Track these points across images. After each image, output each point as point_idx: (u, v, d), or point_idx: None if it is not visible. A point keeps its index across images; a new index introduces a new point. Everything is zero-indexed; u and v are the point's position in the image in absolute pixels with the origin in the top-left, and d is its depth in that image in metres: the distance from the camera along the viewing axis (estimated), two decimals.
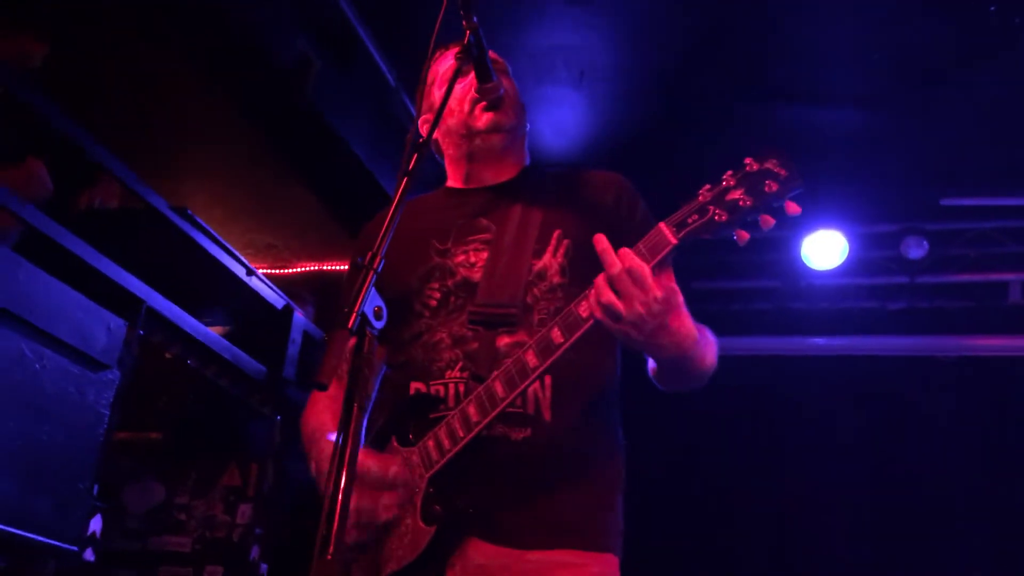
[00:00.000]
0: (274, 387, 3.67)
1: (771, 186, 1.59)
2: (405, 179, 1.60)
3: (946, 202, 4.96)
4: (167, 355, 3.37)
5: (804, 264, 5.13)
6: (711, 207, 1.60)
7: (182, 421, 4.06)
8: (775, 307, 5.44)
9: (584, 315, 1.65)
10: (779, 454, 5.27)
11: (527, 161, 2.11)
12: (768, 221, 1.60)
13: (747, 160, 1.62)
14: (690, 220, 1.60)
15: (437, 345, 1.87)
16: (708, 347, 1.79)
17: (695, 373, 1.79)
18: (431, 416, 1.80)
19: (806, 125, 4.49)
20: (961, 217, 5.01)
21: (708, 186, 1.63)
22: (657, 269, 1.60)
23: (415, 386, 1.87)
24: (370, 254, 1.58)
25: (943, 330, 5.24)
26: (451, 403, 1.80)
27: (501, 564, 1.72)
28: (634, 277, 1.57)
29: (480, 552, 1.73)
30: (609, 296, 1.58)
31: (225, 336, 3.65)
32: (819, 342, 5.39)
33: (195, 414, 4.01)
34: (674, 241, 1.60)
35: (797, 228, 5.09)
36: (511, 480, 1.76)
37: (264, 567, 3.38)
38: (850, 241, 5.05)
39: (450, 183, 2.11)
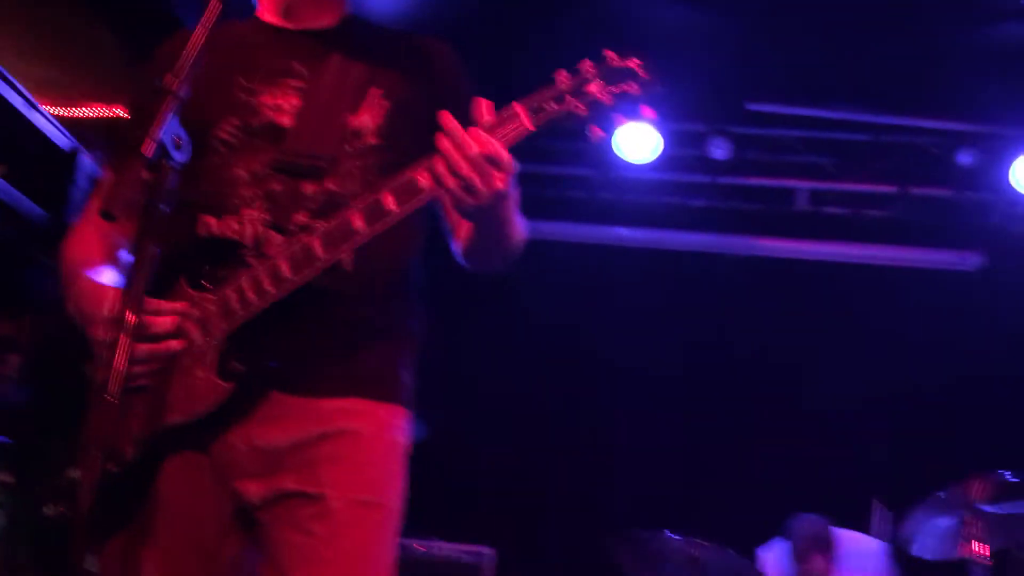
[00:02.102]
0: (56, 234, 3.39)
1: (632, 87, 1.58)
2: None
3: (751, 107, 5.17)
4: None
5: (617, 155, 5.23)
6: (569, 97, 1.58)
7: None
8: (586, 196, 5.56)
9: (424, 185, 1.61)
10: (585, 335, 5.49)
11: (350, 10, 1.98)
12: (622, 121, 1.64)
13: (608, 54, 1.59)
14: (547, 107, 1.58)
15: (234, 180, 1.75)
16: (521, 224, 1.82)
17: (511, 251, 1.82)
18: (229, 261, 1.69)
19: (632, 18, 4.50)
20: (764, 123, 5.25)
21: (566, 73, 1.60)
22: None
23: (206, 220, 1.74)
24: (170, 76, 1.45)
25: (737, 230, 5.55)
26: (248, 243, 1.70)
27: (297, 414, 1.70)
28: (492, 160, 1.56)
29: (277, 404, 1.70)
30: (469, 172, 1.55)
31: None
32: (624, 233, 5.57)
33: None
34: (531, 128, 1.59)
35: (612, 119, 5.18)
36: (314, 333, 1.73)
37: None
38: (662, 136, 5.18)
39: (263, 14, 1.94)
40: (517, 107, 1.59)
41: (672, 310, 5.48)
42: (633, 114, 1.55)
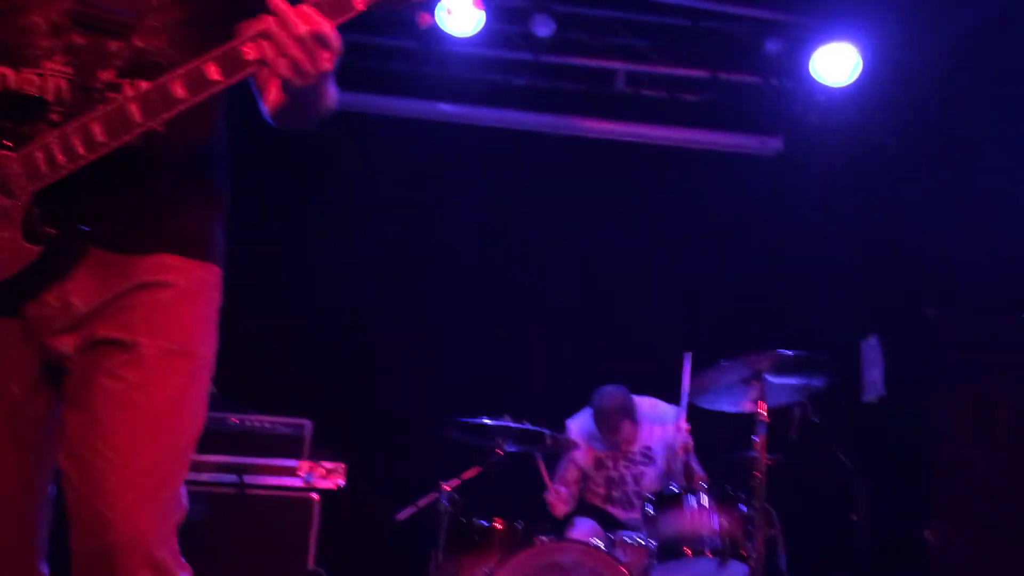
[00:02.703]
0: None
1: None
2: None
3: None
4: None
5: (441, 28, 5.14)
6: None
7: None
8: (409, 69, 5.47)
9: (250, 59, 1.59)
10: (407, 211, 5.49)
11: None
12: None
13: None
14: None
15: (31, 29, 1.66)
16: (334, 90, 1.82)
17: (322, 116, 1.83)
18: (30, 118, 1.63)
19: None
20: (586, 2, 5.28)
21: None
22: None
23: (1, 71, 1.65)
24: None
25: (559, 110, 5.63)
26: (50, 98, 1.64)
27: (113, 270, 1.71)
28: (320, 39, 1.56)
29: (92, 260, 1.70)
30: (298, 52, 1.56)
31: None
32: (446, 108, 5.54)
33: None
34: (361, 8, 1.59)
35: None
36: (128, 194, 1.71)
37: None
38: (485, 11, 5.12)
39: None
40: None
41: (494, 188, 5.55)
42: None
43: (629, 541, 4.07)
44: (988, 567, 4.32)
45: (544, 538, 3.87)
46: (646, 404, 4.68)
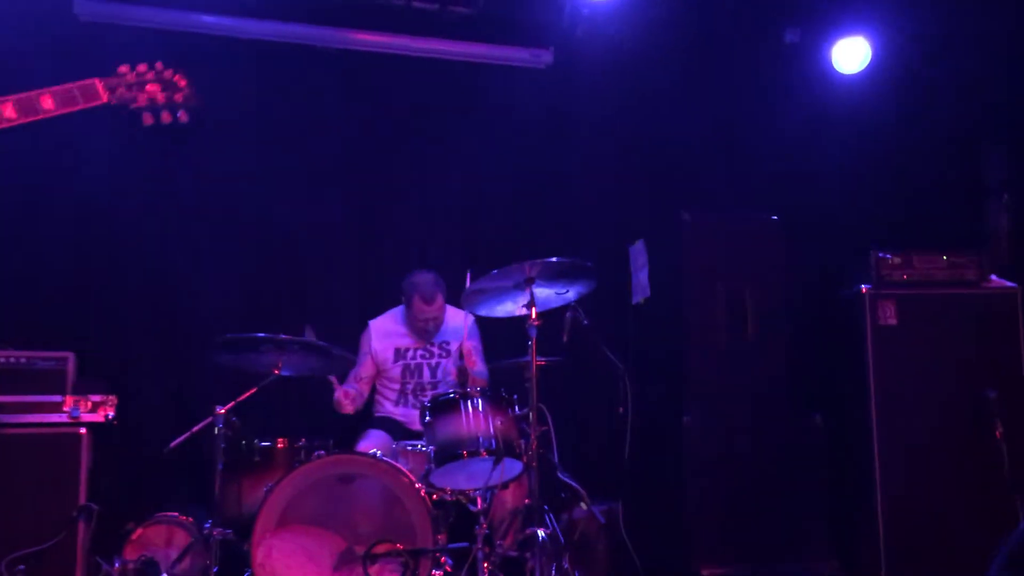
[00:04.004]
0: None
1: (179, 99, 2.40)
2: None
3: None
4: None
5: None
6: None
7: None
8: None
9: None
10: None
11: None
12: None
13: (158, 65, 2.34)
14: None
15: None
16: None
17: None
18: None
19: None
20: None
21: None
22: None
23: None
24: None
25: (327, 21, 5.46)
26: None
27: None
28: None
29: None
30: None
31: None
32: (208, 20, 5.26)
33: None
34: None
35: None
36: None
37: None
38: None
39: None
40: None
41: (259, 103, 5.36)
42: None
43: (410, 449, 4.17)
44: (734, 445, 4.77)
45: (323, 452, 3.90)
46: (446, 309, 4.81)
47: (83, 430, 4.19)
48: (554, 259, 3.90)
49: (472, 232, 5.61)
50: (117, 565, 4.02)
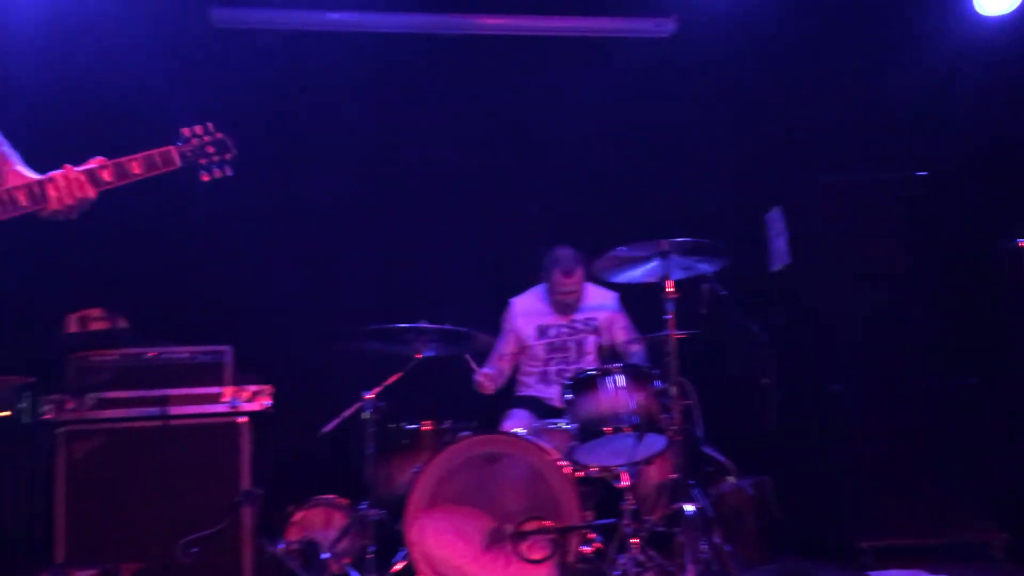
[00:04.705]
0: None
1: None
2: None
3: None
4: None
5: None
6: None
7: None
8: None
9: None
10: (291, 123, 5.36)
11: None
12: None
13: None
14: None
15: None
16: None
17: None
18: None
19: None
20: None
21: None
22: None
23: None
24: None
25: (449, 8, 5.52)
26: None
27: None
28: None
29: None
30: None
31: None
32: (334, 17, 5.40)
33: None
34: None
35: None
36: None
37: None
38: None
39: None
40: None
41: (390, 95, 5.46)
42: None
43: (552, 427, 4.20)
44: (887, 412, 4.58)
45: (469, 433, 3.97)
46: (587, 286, 4.81)
47: (243, 419, 4.39)
48: (686, 239, 3.84)
49: (604, 207, 5.57)
50: (281, 546, 4.22)
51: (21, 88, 4.45)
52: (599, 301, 4.81)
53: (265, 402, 4.47)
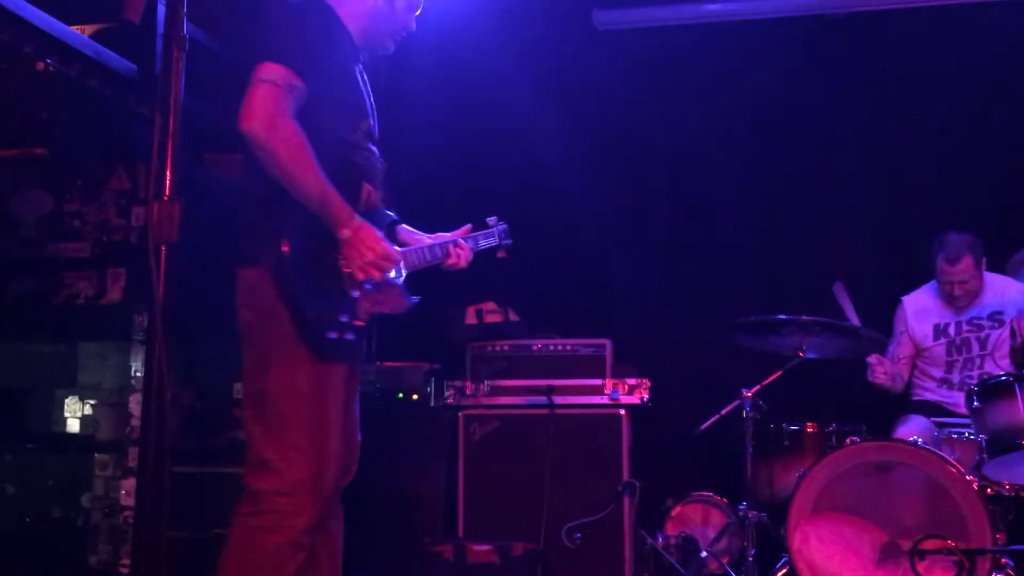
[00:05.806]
0: (147, 85, 3.53)
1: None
2: None
3: None
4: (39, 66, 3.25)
5: None
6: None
7: (64, 132, 3.93)
8: None
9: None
10: (678, 124, 5.37)
11: None
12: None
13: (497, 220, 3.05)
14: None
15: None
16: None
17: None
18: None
19: None
20: None
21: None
22: None
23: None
24: None
25: None
26: None
27: None
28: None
29: None
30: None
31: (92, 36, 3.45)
32: (713, 8, 5.33)
33: (75, 124, 3.88)
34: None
35: None
36: None
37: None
38: None
39: None
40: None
41: (768, 82, 5.27)
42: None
43: (956, 436, 3.80)
44: None
45: (857, 439, 3.71)
46: (991, 277, 4.33)
47: (622, 411, 4.50)
48: None
49: (1002, 194, 4.93)
50: (660, 540, 4.25)
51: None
52: (1007, 293, 4.27)
53: (643, 395, 4.54)
